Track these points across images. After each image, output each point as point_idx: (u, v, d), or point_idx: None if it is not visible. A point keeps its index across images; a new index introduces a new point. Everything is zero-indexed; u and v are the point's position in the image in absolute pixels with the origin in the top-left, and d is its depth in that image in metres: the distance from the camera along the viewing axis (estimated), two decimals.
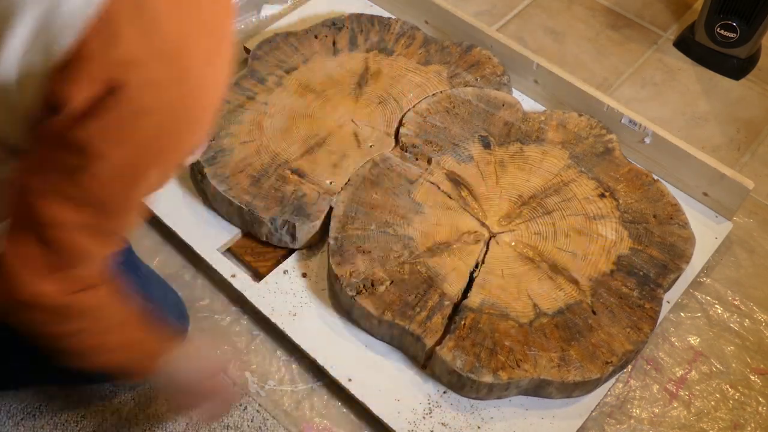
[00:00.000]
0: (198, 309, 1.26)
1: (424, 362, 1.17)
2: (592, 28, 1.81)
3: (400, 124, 1.41)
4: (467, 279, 1.20)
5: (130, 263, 1.06)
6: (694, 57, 1.75)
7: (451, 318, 1.16)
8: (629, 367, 1.23)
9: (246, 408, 1.16)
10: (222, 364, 1.08)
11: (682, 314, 1.31)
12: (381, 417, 1.12)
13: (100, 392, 1.16)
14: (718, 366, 1.25)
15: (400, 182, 1.31)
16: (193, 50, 0.69)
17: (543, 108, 1.55)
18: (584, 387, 1.14)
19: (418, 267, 1.21)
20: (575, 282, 1.21)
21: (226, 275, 1.25)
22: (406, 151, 1.36)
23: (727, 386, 1.23)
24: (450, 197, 1.30)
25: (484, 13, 1.81)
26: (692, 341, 1.28)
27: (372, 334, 1.20)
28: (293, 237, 1.27)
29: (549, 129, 1.42)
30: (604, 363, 1.12)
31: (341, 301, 1.22)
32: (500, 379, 1.09)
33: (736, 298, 1.34)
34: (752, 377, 1.24)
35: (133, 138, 0.69)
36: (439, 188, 1.31)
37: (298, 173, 1.32)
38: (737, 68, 1.71)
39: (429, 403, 1.14)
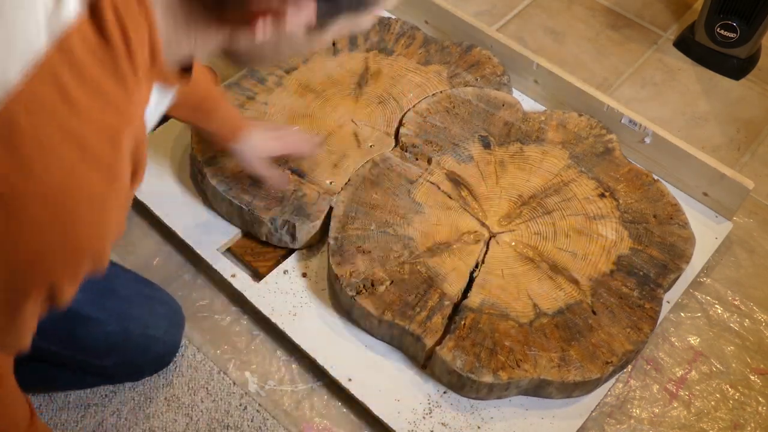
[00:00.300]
0: (198, 309, 1.26)
1: (424, 362, 1.17)
2: (592, 28, 1.81)
3: (400, 124, 1.41)
4: (467, 279, 1.20)
5: (104, 290, 1.04)
6: (694, 57, 1.75)
7: (451, 318, 1.16)
8: (629, 367, 1.23)
9: (246, 408, 1.16)
10: None
11: (682, 314, 1.31)
12: (381, 417, 1.12)
13: (100, 392, 1.16)
14: (718, 366, 1.25)
15: (400, 182, 1.31)
16: (79, 190, 0.62)
17: (543, 108, 1.55)
18: (584, 387, 1.14)
19: (418, 267, 1.20)
20: (575, 282, 1.21)
21: (226, 275, 1.25)
22: (406, 151, 1.36)
23: (727, 386, 1.23)
24: (450, 197, 1.30)
25: (484, 13, 1.81)
26: (692, 341, 1.28)
27: (372, 334, 1.20)
28: (293, 237, 1.27)
29: (549, 129, 1.42)
30: (604, 363, 1.12)
31: (341, 301, 1.22)
32: (500, 379, 1.09)
33: (736, 298, 1.34)
34: (752, 377, 1.24)
35: None
36: (439, 188, 1.31)
37: (298, 173, 1.32)
38: (737, 68, 1.71)
39: (429, 403, 1.14)
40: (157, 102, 0.71)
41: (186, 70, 0.74)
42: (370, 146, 1.38)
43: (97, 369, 1.09)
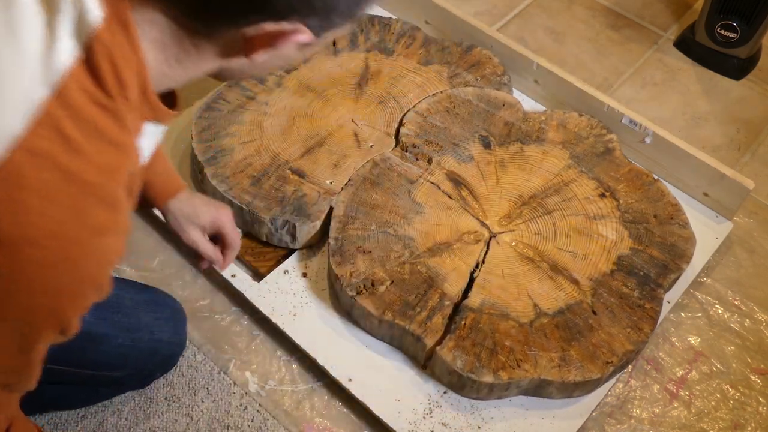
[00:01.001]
0: (198, 309, 1.26)
1: (425, 362, 1.17)
2: (592, 28, 1.81)
3: (401, 124, 1.41)
4: (467, 279, 1.20)
5: (109, 305, 1.03)
6: (694, 57, 1.75)
7: (451, 318, 1.16)
8: (630, 367, 1.23)
9: (246, 408, 1.16)
10: None
11: (682, 314, 1.31)
12: (381, 417, 1.12)
13: None
14: (718, 366, 1.25)
15: (401, 182, 1.31)
16: (84, 226, 0.64)
17: (543, 108, 1.55)
18: (585, 387, 1.14)
19: (419, 267, 1.20)
20: (575, 282, 1.21)
21: (227, 275, 1.25)
22: (406, 151, 1.36)
23: (728, 386, 1.23)
24: (450, 197, 1.30)
25: (484, 13, 1.81)
26: (692, 341, 1.28)
27: (372, 334, 1.20)
28: (293, 237, 1.27)
29: (549, 129, 1.42)
30: (605, 363, 1.12)
31: (341, 301, 1.22)
32: (500, 379, 1.09)
33: (737, 298, 1.34)
34: (752, 377, 1.24)
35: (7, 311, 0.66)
36: (439, 188, 1.31)
37: (299, 173, 1.32)
38: (737, 68, 1.71)
39: (429, 403, 1.14)
40: (151, 132, 0.72)
41: (171, 97, 0.76)
42: (371, 146, 1.38)
43: (110, 380, 1.10)
